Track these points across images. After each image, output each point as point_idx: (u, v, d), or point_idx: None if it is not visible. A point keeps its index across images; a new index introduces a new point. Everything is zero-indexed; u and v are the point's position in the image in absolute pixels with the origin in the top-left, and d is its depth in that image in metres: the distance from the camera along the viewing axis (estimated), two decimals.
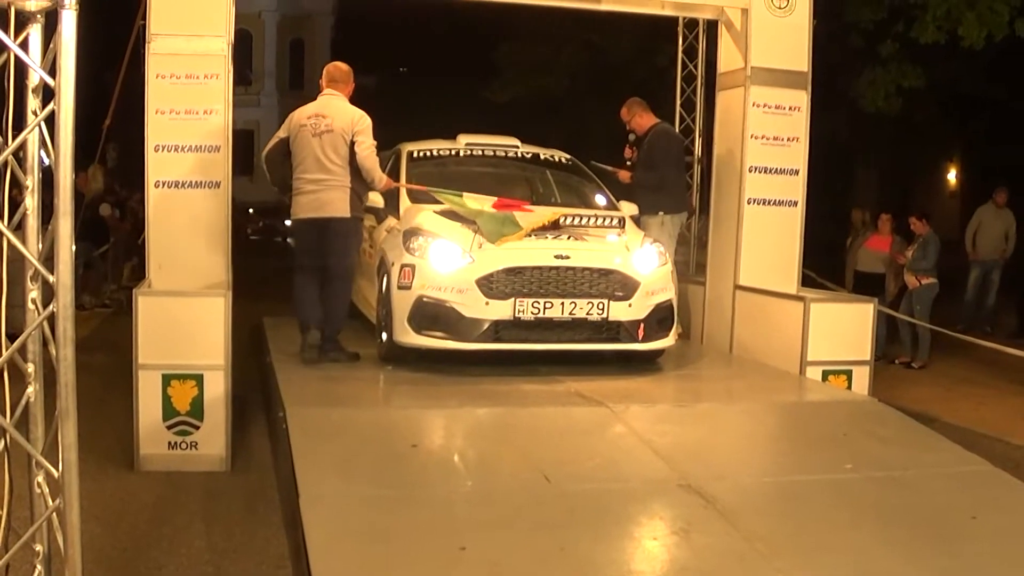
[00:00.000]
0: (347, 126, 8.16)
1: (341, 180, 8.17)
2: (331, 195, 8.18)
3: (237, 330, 7.60)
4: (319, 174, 8.18)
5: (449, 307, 7.80)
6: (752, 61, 9.58)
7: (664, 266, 8.49)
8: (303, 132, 8.26)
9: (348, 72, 8.59)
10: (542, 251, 7.97)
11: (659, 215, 10.07)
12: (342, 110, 8.27)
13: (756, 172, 9.65)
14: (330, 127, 8.19)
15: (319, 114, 8.28)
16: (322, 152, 8.17)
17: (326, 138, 8.17)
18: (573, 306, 7.87)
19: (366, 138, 8.18)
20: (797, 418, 7.60)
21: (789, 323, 8.84)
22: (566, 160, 10.12)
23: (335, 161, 8.16)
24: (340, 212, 8.17)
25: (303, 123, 8.29)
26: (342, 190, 8.17)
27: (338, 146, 8.16)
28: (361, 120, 8.22)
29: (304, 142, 8.24)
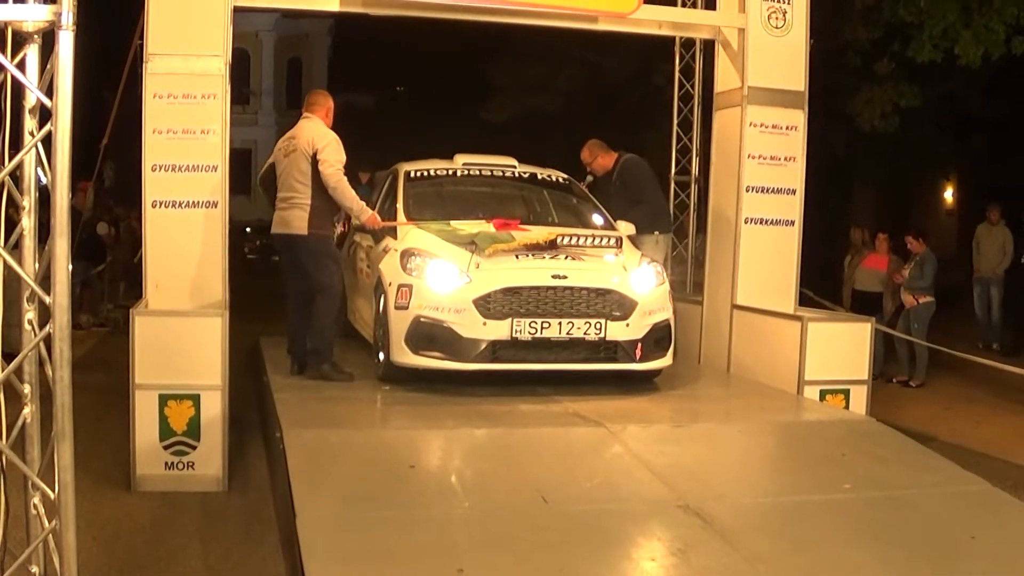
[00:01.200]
0: (308, 143, 8.27)
1: (302, 198, 8.29)
2: (291, 213, 8.33)
3: (234, 350, 7.59)
4: (286, 192, 8.38)
5: (446, 327, 7.79)
6: (749, 80, 9.60)
7: (662, 286, 8.49)
8: (278, 155, 8.53)
9: (325, 97, 8.71)
10: (539, 271, 7.97)
11: (654, 235, 10.13)
12: (308, 130, 8.40)
13: (753, 192, 9.66)
14: (295, 147, 8.36)
15: (291, 136, 8.50)
16: (288, 172, 8.35)
17: (291, 158, 8.36)
18: (571, 326, 7.87)
19: (327, 155, 8.22)
20: (795, 438, 7.58)
21: (786, 342, 8.83)
22: (563, 180, 10.13)
23: (297, 179, 8.30)
24: (297, 229, 8.29)
25: (279, 147, 8.55)
26: (301, 208, 8.28)
27: (300, 164, 8.29)
28: (322, 137, 8.29)
29: (278, 164, 8.51)
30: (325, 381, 8.33)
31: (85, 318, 15.66)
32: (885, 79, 16.49)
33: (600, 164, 10.43)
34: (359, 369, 8.84)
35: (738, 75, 9.74)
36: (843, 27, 16.21)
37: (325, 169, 8.19)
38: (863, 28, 16.24)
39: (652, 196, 10.11)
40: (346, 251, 10.60)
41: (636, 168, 10.37)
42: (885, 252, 13.69)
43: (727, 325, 9.82)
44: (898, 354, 13.02)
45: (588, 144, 10.63)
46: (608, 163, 10.45)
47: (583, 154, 10.53)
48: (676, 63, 12.06)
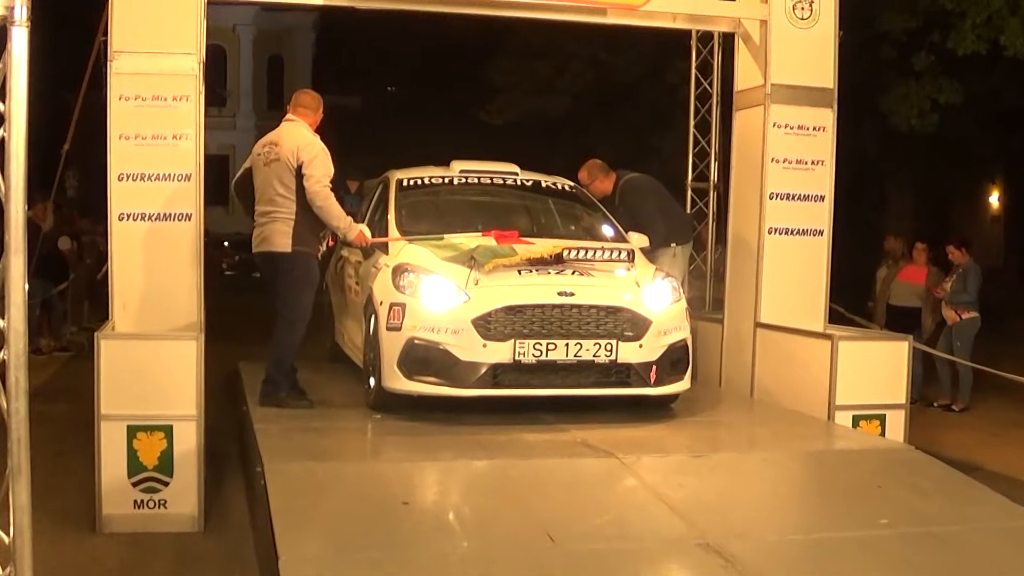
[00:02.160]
0: (291, 153, 8.26)
1: (285, 212, 8.30)
2: (273, 228, 8.33)
3: (210, 376, 7.58)
4: (266, 206, 8.37)
5: (443, 349, 7.79)
6: (772, 77, 9.60)
7: (678, 302, 8.49)
8: (257, 162, 8.50)
9: (315, 99, 8.73)
10: (544, 288, 7.97)
11: (671, 247, 10.14)
12: (291, 136, 8.39)
13: (777, 199, 9.64)
14: (277, 155, 8.34)
15: (272, 142, 8.47)
16: (269, 182, 8.34)
17: (273, 167, 8.34)
18: (579, 347, 7.86)
19: (314, 170, 8.21)
20: (826, 468, 7.56)
21: (816, 364, 8.82)
22: (570, 188, 10.14)
23: (280, 191, 8.30)
24: (279, 247, 8.29)
25: (258, 152, 8.51)
26: (284, 223, 8.29)
27: (283, 175, 8.29)
28: (308, 148, 8.27)
29: (257, 172, 8.48)
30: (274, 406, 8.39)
31: (45, 342, 15.67)
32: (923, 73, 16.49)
33: (599, 188, 10.44)
34: (348, 397, 8.85)
35: (760, 71, 9.74)
36: (876, 17, 16.22)
37: (312, 185, 8.19)
38: (899, 17, 16.25)
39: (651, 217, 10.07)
40: (333, 267, 10.62)
41: (636, 191, 10.42)
42: (923, 263, 13.65)
43: (750, 345, 9.80)
44: (939, 375, 13.00)
45: (587, 165, 10.67)
46: (607, 186, 10.48)
47: (581, 175, 10.55)
48: (692, 59, 12.06)
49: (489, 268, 8.02)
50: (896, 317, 13.28)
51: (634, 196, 10.38)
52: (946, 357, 12.62)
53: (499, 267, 8.07)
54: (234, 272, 36.36)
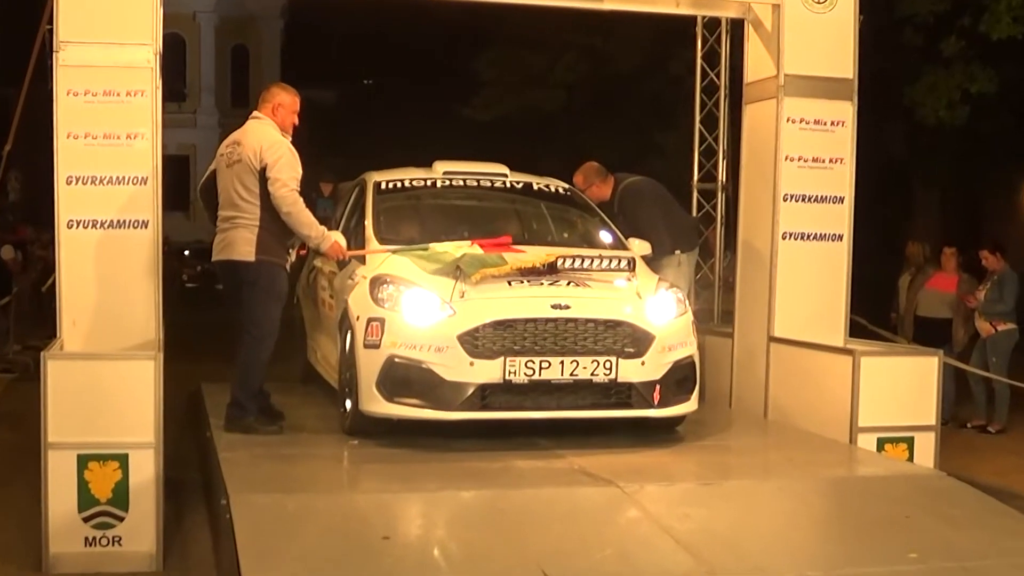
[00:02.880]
0: (254, 153, 8.25)
1: (248, 218, 8.29)
2: (235, 235, 8.33)
3: (170, 399, 7.56)
4: (229, 211, 8.38)
5: (426, 369, 7.78)
6: (785, 67, 9.61)
7: (683, 315, 8.50)
8: (220, 163, 8.52)
9: (289, 94, 8.69)
10: (537, 300, 7.98)
11: (676, 255, 10.16)
12: (255, 135, 8.39)
13: (792, 200, 9.65)
14: (239, 156, 8.34)
15: (235, 141, 8.48)
16: (232, 185, 8.35)
17: (236, 169, 8.35)
18: (575, 365, 7.86)
19: (279, 172, 8.20)
20: (848, 497, 7.56)
21: (836, 382, 8.82)
22: (564, 190, 10.15)
23: (242, 195, 8.30)
24: (242, 255, 8.28)
25: (222, 153, 8.54)
26: (248, 229, 8.28)
27: (245, 178, 8.29)
28: (272, 149, 8.26)
29: (221, 174, 8.49)
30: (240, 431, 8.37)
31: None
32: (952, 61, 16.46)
33: (596, 194, 10.43)
34: (321, 421, 8.83)
35: (772, 61, 9.75)
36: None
37: (277, 190, 8.17)
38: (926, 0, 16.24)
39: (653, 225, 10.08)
40: (305, 278, 10.61)
41: (637, 196, 10.42)
42: (953, 270, 13.57)
43: (763, 362, 9.80)
44: (973, 394, 12.99)
45: (582, 169, 10.66)
46: (605, 192, 10.50)
47: (576, 180, 10.53)
48: (698, 48, 12.07)
49: (476, 279, 8.02)
50: (925, 329, 13.21)
51: (634, 201, 10.39)
52: (980, 373, 12.60)
53: (487, 277, 8.06)
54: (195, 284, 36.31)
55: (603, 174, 10.62)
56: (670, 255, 10.18)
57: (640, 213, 10.26)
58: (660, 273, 9.28)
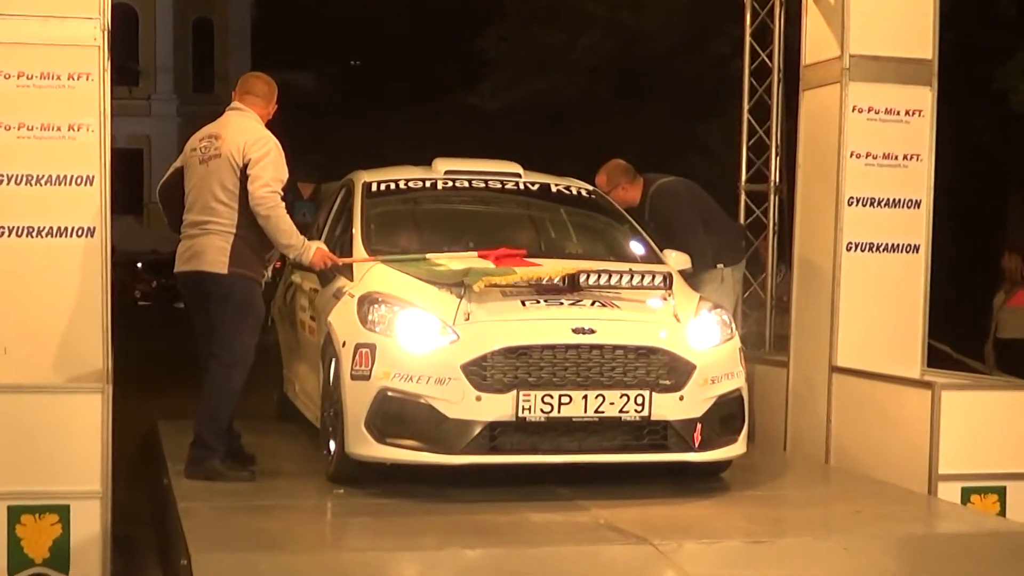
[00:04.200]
0: (237, 149, 8.28)
1: (223, 224, 8.30)
2: (205, 242, 8.33)
3: (121, 440, 7.56)
4: (199, 214, 8.39)
5: (424, 404, 7.75)
6: (851, 46, 9.60)
7: (729, 341, 8.49)
8: (192, 159, 8.54)
9: (268, 86, 8.77)
10: (555, 323, 7.96)
11: (719, 269, 10.15)
12: (239, 128, 8.43)
13: (859, 205, 9.65)
14: (218, 151, 8.36)
15: (212, 134, 8.51)
16: (206, 185, 8.37)
17: (213, 166, 8.37)
18: (601, 400, 7.83)
19: (263, 171, 8.23)
20: (927, 558, 7.52)
21: (912, 420, 8.80)
22: (587, 193, 10.15)
23: (219, 197, 8.31)
24: (212, 266, 8.28)
25: (194, 147, 8.55)
26: (221, 237, 8.29)
27: (224, 176, 8.30)
28: (258, 144, 8.31)
29: (192, 172, 8.52)
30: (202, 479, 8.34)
31: None
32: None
33: (623, 197, 10.40)
34: (301, 465, 8.82)
35: (836, 39, 9.74)
36: None
37: (257, 189, 8.18)
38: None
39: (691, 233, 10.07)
40: (282, 296, 10.61)
41: (672, 199, 10.41)
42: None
43: (824, 396, 9.77)
44: None
45: (606, 168, 10.65)
46: (633, 195, 10.48)
47: (599, 180, 10.50)
48: (746, 24, 12.05)
49: (480, 287, 7.96)
50: (1011, 354, 13.14)
51: (669, 206, 10.36)
52: None
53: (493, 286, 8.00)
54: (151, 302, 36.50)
55: (631, 174, 10.59)
56: (712, 269, 10.19)
57: (676, 220, 10.24)
58: (701, 291, 9.27)
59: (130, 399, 8.15)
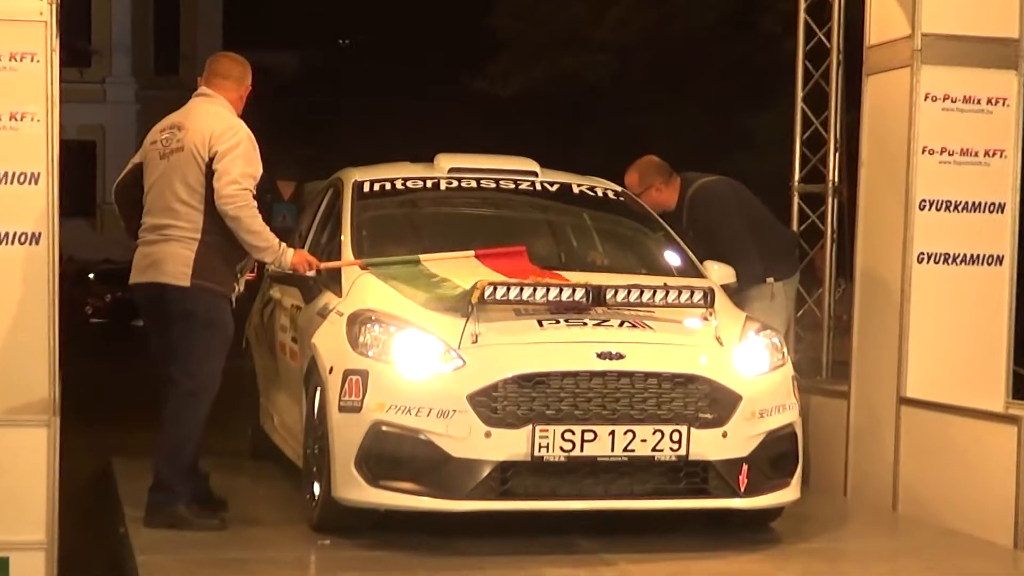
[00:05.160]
0: (201, 141, 8.30)
1: (187, 228, 8.31)
2: (165, 250, 8.35)
3: (70, 480, 7.56)
4: (159, 217, 8.41)
5: (425, 441, 7.74)
6: (924, 24, 9.60)
7: (781, 368, 8.49)
8: (151, 153, 8.57)
9: (240, 66, 8.81)
10: (578, 346, 7.95)
11: (768, 283, 10.13)
12: (204, 117, 8.45)
13: (932, 209, 9.65)
14: (181, 143, 8.39)
15: (174, 124, 8.54)
16: (167, 183, 8.38)
17: (175, 160, 8.39)
18: (630, 437, 7.81)
19: (231, 166, 8.24)
20: None
21: (994, 460, 8.80)
22: (615, 195, 10.16)
23: (181, 197, 8.33)
24: (173, 277, 8.29)
25: (154, 140, 8.59)
26: (184, 244, 8.30)
27: (188, 173, 8.33)
28: (226, 135, 8.32)
29: (151, 168, 8.55)
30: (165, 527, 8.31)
31: None
32: None
33: (657, 199, 10.39)
34: (280, 511, 8.82)
35: (905, 16, 9.74)
36: None
37: (224, 187, 8.18)
38: None
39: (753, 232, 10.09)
40: (258, 314, 10.62)
41: (715, 202, 10.40)
42: None
43: (891, 432, 9.77)
44: None
45: (638, 165, 10.63)
46: (669, 198, 10.47)
47: (629, 180, 10.47)
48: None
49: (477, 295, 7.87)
50: None
51: (711, 210, 10.35)
52: None
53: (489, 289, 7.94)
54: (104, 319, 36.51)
55: (666, 173, 10.57)
56: (761, 284, 10.17)
57: (719, 226, 10.24)
58: (748, 309, 9.28)
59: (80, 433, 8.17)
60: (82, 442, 8.41)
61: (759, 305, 9.86)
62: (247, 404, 10.83)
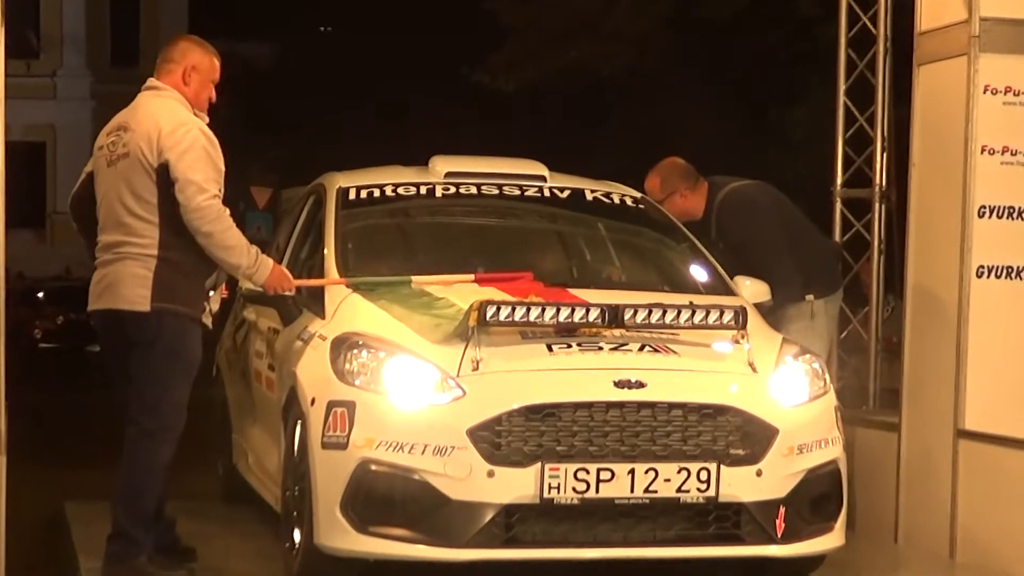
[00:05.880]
0: (147, 143, 8.21)
1: (141, 244, 8.25)
2: (121, 272, 8.28)
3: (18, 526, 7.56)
4: (112, 233, 8.35)
5: (420, 482, 7.73)
6: (983, 7, 9.60)
7: (822, 398, 8.49)
8: (99, 160, 8.52)
9: (199, 50, 8.71)
10: (593, 374, 7.95)
11: (808, 301, 10.14)
12: (150, 114, 8.38)
13: (993, 216, 9.64)
14: (126, 148, 8.33)
15: (121, 126, 8.48)
16: (116, 194, 8.33)
17: (121, 168, 8.33)
18: (652, 476, 7.80)
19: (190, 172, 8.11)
20: None
21: None
22: (633, 202, 10.18)
23: (132, 209, 8.26)
24: (130, 302, 8.22)
25: (101, 144, 8.54)
26: (140, 262, 8.24)
27: (136, 182, 8.25)
28: (175, 135, 8.21)
29: (100, 178, 8.50)
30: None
31: None
32: None
33: (682, 206, 10.40)
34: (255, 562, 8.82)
35: None
36: None
37: (190, 199, 8.08)
38: None
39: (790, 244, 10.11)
40: (231, 338, 10.62)
41: (747, 210, 10.44)
42: None
43: (947, 469, 9.76)
44: None
45: (660, 168, 10.67)
46: (695, 205, 10.49)
47: (650, 184, 10.48)
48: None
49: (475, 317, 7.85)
50: None
51: (743, 218, 10.35)
52: None
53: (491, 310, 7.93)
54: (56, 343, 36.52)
55: (692, 177, 10.57)
56: (800, 302, 10.16)
57: (752, 237, 10.24)
58: (785, 330, 9.30)
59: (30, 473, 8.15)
60: (31, 483, 8.39)
61: (798, 326, 9.88)
62: (218, 440, 10.83)
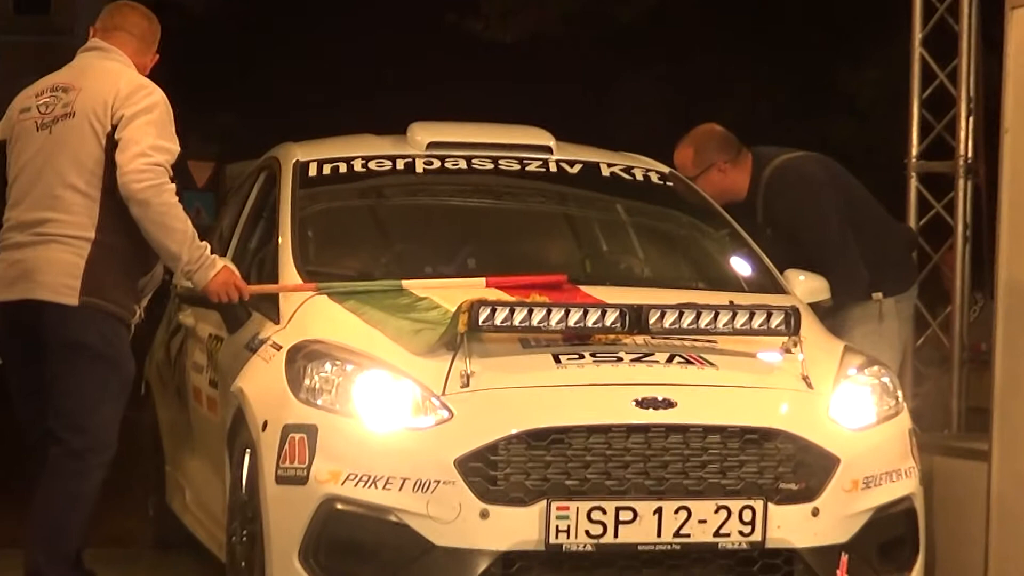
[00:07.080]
0: (102, 104, 8.29)
1: (75, 223, 8.31)
2: (45, 256, 8.32)
3: None
4: (35, 211, 8.39)
5: (398, 524, 7.74)
6: None
7: (895, 419, 8.52)
8: (23, 125, 8.54)
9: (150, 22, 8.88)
10: (610, 391, 7.97)
11: (874, 300, 10.12)
12: (103, 76, 8.46)
13: None
14: (70, 109, 8.36)
15: (60, 85, 8.53)
16: (50, 163, 8.35)
17: (61, 132, 8.36)
18: (684, 516, 7.80)
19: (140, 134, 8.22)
20: None
21: None
22: (660, 178, 10.19)
23: (70, 181, 8.31)
24: (55, 293, 8.27)
25: (27, 106, 8.57)
26: (70, 247, 8.28)
27: (81, 149, 8.32)
28: (136, 96, 8.33)
29: (25, 144, 8.53)
30: None
31: None
32: None
33: (720, 184, 10.37)
34: None
35: None
36: None
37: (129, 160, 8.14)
38: None
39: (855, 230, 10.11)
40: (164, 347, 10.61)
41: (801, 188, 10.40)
42: None
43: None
44: None
45: (694, 136, 10.69)
46: (737, 182, 10.48)
47: (681, 156, 10.44)
48: None
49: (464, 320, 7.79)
50: None
51: (797, 199, 10.33)
52: None
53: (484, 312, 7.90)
54: None
55: (733, 148, 10.55)
56: (866, 301, 10.16)
57: (807, 222, 10.23)
58: (847, 335, 9.31)
59: None
60: None
61: (863, 330, 9.88)
62: (147, 472, 10.82)
